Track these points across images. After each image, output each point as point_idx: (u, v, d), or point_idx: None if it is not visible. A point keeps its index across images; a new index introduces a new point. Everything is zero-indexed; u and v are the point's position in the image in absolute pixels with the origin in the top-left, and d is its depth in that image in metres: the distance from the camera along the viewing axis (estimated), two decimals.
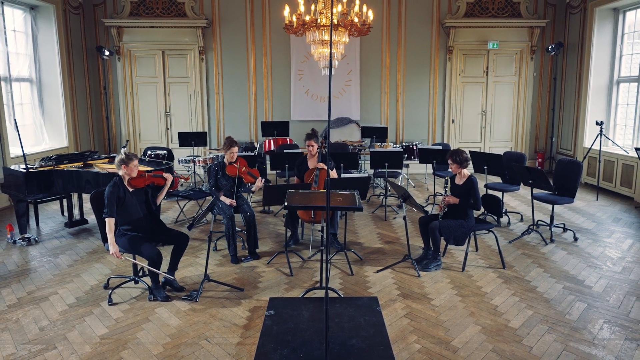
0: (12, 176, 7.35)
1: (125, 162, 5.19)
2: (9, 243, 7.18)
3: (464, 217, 6.04)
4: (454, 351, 4.21)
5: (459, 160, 6.10)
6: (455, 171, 6.22)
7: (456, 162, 6.11)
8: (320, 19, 8.06)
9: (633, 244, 7.05)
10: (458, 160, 6.10)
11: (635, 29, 10.32)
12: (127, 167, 5.20)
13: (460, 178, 6.21)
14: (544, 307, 5.05)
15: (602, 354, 4.16)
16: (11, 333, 4.58)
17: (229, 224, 6.33)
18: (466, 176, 6.17)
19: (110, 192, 5.11)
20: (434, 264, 6.11)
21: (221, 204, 6.42)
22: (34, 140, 10.69)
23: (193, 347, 4.29)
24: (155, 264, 5.11)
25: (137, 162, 5.32)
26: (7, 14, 9.93)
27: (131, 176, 5.27)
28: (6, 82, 9.80)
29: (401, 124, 12.64)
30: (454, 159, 6.11)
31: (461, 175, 6.21)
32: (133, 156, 5.25)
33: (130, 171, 5.22)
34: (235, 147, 6.63)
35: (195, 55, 12.29)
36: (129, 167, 5.21)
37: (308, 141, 7.17)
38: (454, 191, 6.19)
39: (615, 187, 10.07)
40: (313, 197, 5.62)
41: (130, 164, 5.20)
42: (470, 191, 6.03)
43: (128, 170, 5.21)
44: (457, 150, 6.18)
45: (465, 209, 6.06)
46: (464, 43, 12.28)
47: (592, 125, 10.97)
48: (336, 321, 4.13)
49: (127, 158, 5.20)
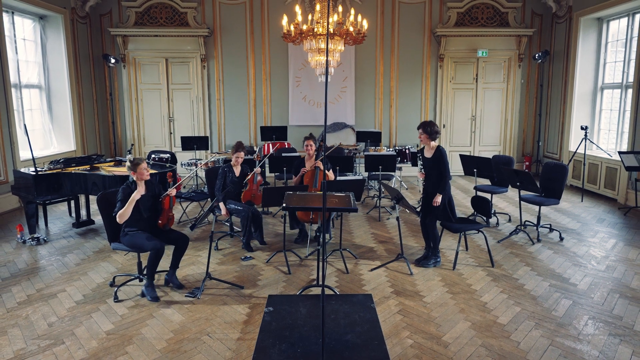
0: (22, 179, 7.34)
1: (133, 169, 5.22)
2: (19, 243, 7.17)
3: (441, 190, 5.95)
4: (445, 346, 4.22)
5: (429, 131, 5.94)
6: (424, 142, 6.06)
7: (426, 132, 5.96)
8: (317, 28, 8.08)
9: (616, 243, 7.07)
10: (429, 131, 5.95)
11: (619, 37, 10.36)
12: (135, 172, 5.22)
13: (430, 150, 6.08)
14: (531, 304, 5.07)
15: (586, 348, 4.18)
16: (21, 329, 4.57)
17: (246, 214, 6.61)
18: (434, 147, 6.04)
19: (123, 189, 5.21)
20: (433, 260, 6.14)
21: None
22: (43, 144, 10.68)
23: (195, 342, 4.29)
24: (157, 254, 5.13)
25: (145, 164, 5.31)
26: (18, 24, 9.93)
27: (143, 179, 5.27)
28: (16, 88, 9.79)
29: (394, 128, 12.66)
30: (425, 129, 5.95)
31: (430, 147, 6.08)
32: (139, 160, 5.25)
33: (140, 175, 5.23)
34: (241, 152, 6.73)
35: (197, 63, 12.29)
36: (138, 172, 5.22)
37: (307, 141, 7.27)
38: (425, 164, 6.10)
39: (599, 189, 10.09)
40: (310, 199, 5.63)
41: (137, 168, 5.21)
42: (439, 161, 5.95)
43: (138, 174, 5.22)
44: (429, 122, 6.03)
45: (439, 182, 5.97)
46: (455, 51, 12.31)
47: (577, 130, 11.01)
48: (332, 317, 4.14)
49: (133, 165, 5.22)
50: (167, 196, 5.41)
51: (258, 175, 6.90)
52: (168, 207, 5.43)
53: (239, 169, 6.94)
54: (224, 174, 6.79)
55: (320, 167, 6.93)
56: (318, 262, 5.47)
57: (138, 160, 5.26)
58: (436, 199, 5.96)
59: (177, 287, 5.45)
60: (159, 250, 5.14)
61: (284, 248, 6.43)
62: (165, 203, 5.40)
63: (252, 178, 6.75)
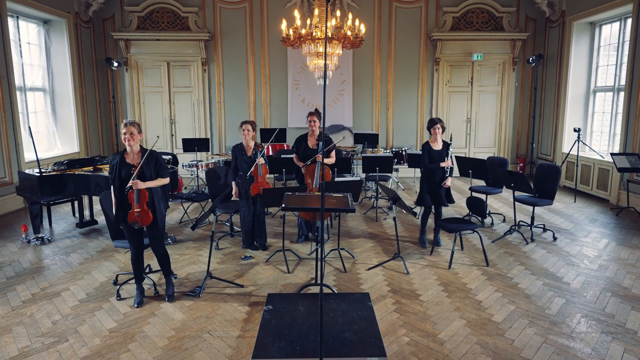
0: (26, 180, 7.34)
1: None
2: (24, 242, 7.16)
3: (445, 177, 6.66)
4: (441, 344, 4.23)
5: (443, 125, 6.65)
6: (437, 136, 6.65)
7: (443, 127, 6.65)
8: (316, 33, 8.08)
9: (608, 243, 7.09)
10: (443, 126, 6.66)
11: (611, 41, 10.38)
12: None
13: (437, 144, 6.71)
14: (525, 302, 5.08)
15: (579, 346, 4.19)
16: (26, 327, 4.57)
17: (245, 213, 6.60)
18: (440, 142, 6.74)
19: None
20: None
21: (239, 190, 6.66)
22: (47, 146, 10.68)
23: (196, 340, 4.30)
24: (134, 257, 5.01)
25: (131, 128, 4.75)
26: (22, 28, 9.93)
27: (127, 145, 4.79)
28: (21, 91, 9.79)
29: (391, 130, 12.67)
30: (443, 125, 6.63)
31: (437, 142, 6.71)
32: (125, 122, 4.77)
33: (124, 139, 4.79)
34: (247, 125, 6.48)
35: (198, 66, 12.30)
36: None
37: (311, 116, 6.85)
38: (435, 155, 6.66)
39: (591, 190, 10.11)
40: (309, 199, 5.63)
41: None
42: (446, 152, 6.66)
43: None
44: (439, 119, 6.71)
45: (443, 169, 6.65)
46: (450, 55, 12.32)
47: (570, 132, 11.04)
48: (330, 315, 4.14)
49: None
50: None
51: (262, 167, 6.69)
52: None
53: (251, 148, 6.58)
54: (235, 155, 6.57)
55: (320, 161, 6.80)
56: (316, 261, 5.48)
57: (126, 122, 4.77)
58: (447, 181, 6.62)
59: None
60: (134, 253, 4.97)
61: (283, 248, 6.44)
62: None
63: (256, 170, 6.56)
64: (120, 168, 4.78)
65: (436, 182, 6.67)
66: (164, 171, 4.96)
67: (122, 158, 4.83)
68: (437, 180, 6.67)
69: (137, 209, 4.76)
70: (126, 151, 4.87)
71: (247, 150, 6.56)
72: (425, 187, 6.76)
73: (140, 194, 4.75)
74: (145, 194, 4.79)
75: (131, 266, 5.17)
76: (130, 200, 4.76)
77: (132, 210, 4.76)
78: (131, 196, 4.75)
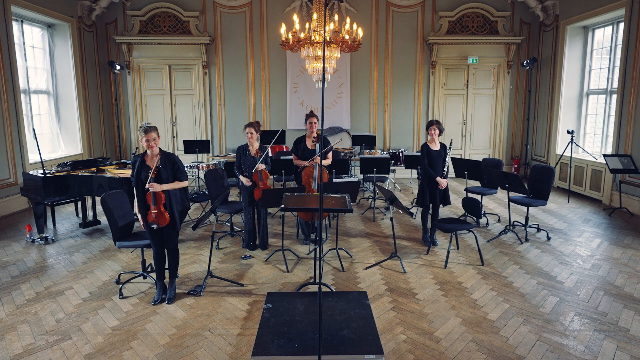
0: (31, 181, 7.33)
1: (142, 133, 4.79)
2: (28, 242, 7.16)
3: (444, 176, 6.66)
4: (437, 341, 4.23)
5: (441, 127, 6.63)
6: (435, 137, 6.63)
7: (439, 129, 6.60)
8: (314, 36, 8.09)
9: (601, 243, 7.10)
10: (441, 127, 6.63)
11: (604, 45, 10.40)
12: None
13: (435, 144, 6.67)
14: (519, 300, 5.08)
15: (573, 343, 4.19)
16: (30, 325, 4.57)
17: (249, 215, 6.61)
18: (438, 142, 6.69)
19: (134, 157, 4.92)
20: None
21: (242, 190, 6.65)
22: (50, 148, 10.67)
23: (197, 338, 4.30)
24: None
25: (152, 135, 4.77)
26: (27, 32, 9.92)
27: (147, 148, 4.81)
28: (25, 94, 9.78)
29: (388, 132, 12.68)
30: (440, 126, 6.60)
31: (435, 143, 6.67)
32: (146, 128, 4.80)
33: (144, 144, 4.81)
34: (251, 127, 6.51)
35: (199, 70, 12.29)
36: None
37: (310, 118, 6.90)
38: (434, 155, 6.63)
39: (585, 191, 10.12)
40: (307, 200, 5.63)
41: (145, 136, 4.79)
42: (444, 153, 6.65)
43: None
44: (437, 120, 6.66)
45: (442, 168, 6.66)
46: (446, 58, 12.34)
47: (563, 134, 11.06)
48: (329, 314, 4.14)
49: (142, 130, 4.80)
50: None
51: (263, 172, 6.66)
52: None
53: (255, 147, 6.59)
54: (239, 155, 6.59)
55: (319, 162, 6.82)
56: (315, 260, 5.48)
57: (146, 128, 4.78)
58: (442, 182, 6.57)
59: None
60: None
61: (282, 247, 6.44)
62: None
63: (256, 176, 6.55)
64: (140, 170, 4.85)
65: (434, 183, 6.68)
66: (181, 174, 4.98)
67: (143, 160, 4.91)
68: (435, 182, 6.68)
69: (154, 210, 4.80)
70: (147, 153, 4.93)
71: (251, 151, 6.61)
72: (425, 186, 6.74)
73: (156, 196, 4.79)
74: (162, 196, 4.82)
75: (141, 265, 5.19)
76: (148, 201, 4.82)
77: (150, 211, 4.82)
78: (149, 198, 4.80)
